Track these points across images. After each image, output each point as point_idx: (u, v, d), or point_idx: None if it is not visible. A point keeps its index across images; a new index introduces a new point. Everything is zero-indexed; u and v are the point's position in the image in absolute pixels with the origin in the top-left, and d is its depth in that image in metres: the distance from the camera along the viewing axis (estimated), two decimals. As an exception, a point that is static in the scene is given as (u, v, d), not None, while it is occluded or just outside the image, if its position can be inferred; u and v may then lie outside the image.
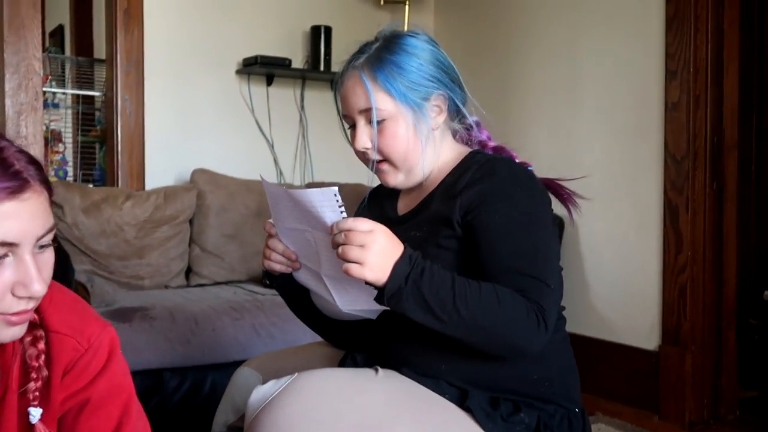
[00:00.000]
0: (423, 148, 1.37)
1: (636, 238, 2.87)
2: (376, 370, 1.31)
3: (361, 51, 1.41)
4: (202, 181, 3.10)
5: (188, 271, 3.08)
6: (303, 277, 1.37)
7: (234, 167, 3.31)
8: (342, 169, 3.59)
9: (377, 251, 1.14)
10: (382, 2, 3.67)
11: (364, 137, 1.38)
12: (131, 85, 3.21)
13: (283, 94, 3.56)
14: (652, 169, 2.80)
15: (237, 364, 2.40)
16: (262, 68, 3.36)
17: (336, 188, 1.14)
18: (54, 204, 3.03)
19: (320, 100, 3.62)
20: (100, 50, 4.45)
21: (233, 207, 3.10)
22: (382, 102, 1.35)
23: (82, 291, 2.38)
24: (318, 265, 1.28)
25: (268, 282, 1.47)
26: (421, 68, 1.36)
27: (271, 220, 1.36)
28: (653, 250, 2.80)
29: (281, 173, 3.55)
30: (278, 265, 1.37)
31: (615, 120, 2.94)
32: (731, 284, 2.76)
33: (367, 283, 1.17)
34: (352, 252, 1.14)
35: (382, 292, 1.16)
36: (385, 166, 1.40)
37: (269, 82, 3.51)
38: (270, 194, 1.30)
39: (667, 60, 2.73)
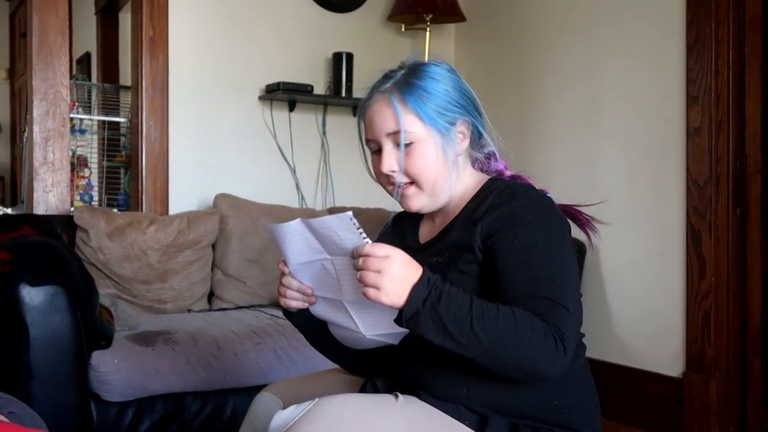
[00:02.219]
0: (450, 171, 1.39)
1: (659, 264, 2.85)
2: (396, 396, 1.31)
3: (386, 77, 1.43)
4: (224, 206, 3.13)
5: (210, 295, 3.10)
6: (320, 310, 1.39)
7: (256, 192, 3.34)
8: (363, 194, 3.60)
9: (393, 277, 1.16)
10: (403, 29, 3.70)
11: (391, 160, 1.39)
12: (156, 111, 3.26)
13: (305, 120, 3.60)
14: (674, 195, 2.79)
15: (258, 388, 2.41)
16: (285, 94, 3.40)
17: (351, 213, 1.17)
18: (79, 228, 3.06)
19: (342, 126, 3.65)
20: (125, 77, 4.53)
21: (255, 232, 3.12)
22: (412, 125, 1.37)
23: (106, 314, 2.40)
24: (338, 292, 1.28)
25: (286, 318, 1.50)
26: (447, 94, 1.38)
27: (282, 259, 1.38)
28: (676, 276, 2.78)
29: (303, 198, 3.58)
30: (294, 302, 1.39)
31: (636, 145, 2.93)
32: (756, 310, 2.73)
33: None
34: (370, 277, 1.16)
35: (401, 315, 1.18)
36: (410, 190, 1.41)
37: (291, 108, 3.55)
38: (278, 235, 1.31)
39: (688, 85, 2.73)
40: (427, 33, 3.59)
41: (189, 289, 2.98)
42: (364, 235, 1.18)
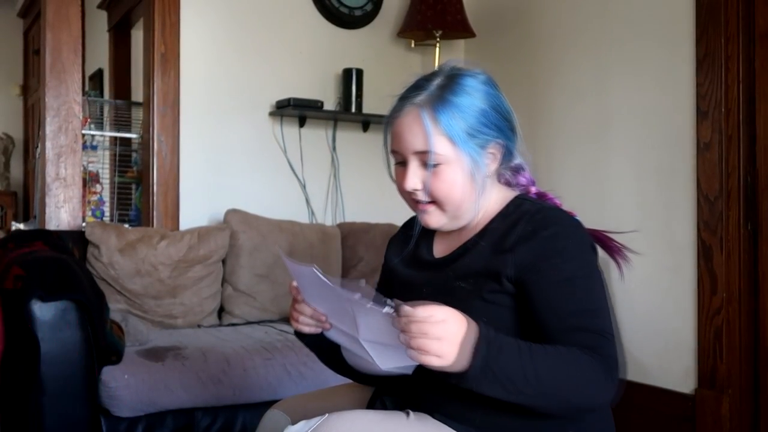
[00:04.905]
0: (476, 195, 1.33)
1: (669, 280, 2.84)
2: (408, 414, 1.29)
3: (419, 86, 1.35)
4: (235, 222, 3.14)
5: (221, 311, 3.10)
6: (335, 336, 1.34)
7: (267, 208, 3.35)
8: (373, 210, 3.62)
9: (454, 341, 1.10)
10: (412, 45, 3.72)
11: (416, 179, 1.33)
12: (167, 126, 3.28)
13: (316, 136, 3.61)
14: (684, 210, 2.78)
15: (268, 404, 2.40)
16: (295, 110, 3.42)
17: (363, 280, 1.16)
18: (91, 244, 3.08)
19: (352, 142, 3.67)
20: (137, 93, 4.56)
21: (265, 247, 3.13)
22: (441, 146, 1.29)
23: (117, 330, 2.41)
24: (354, 329, 1.23)
25: (297, 337, 1.45)
26: (483, 114, 1.31)
27: (295, 284, 1.33)
28: (687, 292, 2.77)
29: (313, 213, 3.58)
30: (307, 327, 1.35)
31: (646, 160, 2.93)
32: (768, 326, 2.71)
33: None
34: (431, 346, 1.09)
35: (459, 376, 1.12)
36: (431, 208, 1.35)
37: (302, 124, 3.56)
38: (292, 270, 1.27)
39: (698, 100, 2.73)
40: (437, 49, 3.60)
41: (199, 304, 2.99)
42: (386, 302, 1.13)
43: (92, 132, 3.77)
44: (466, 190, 1.32)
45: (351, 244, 3.37)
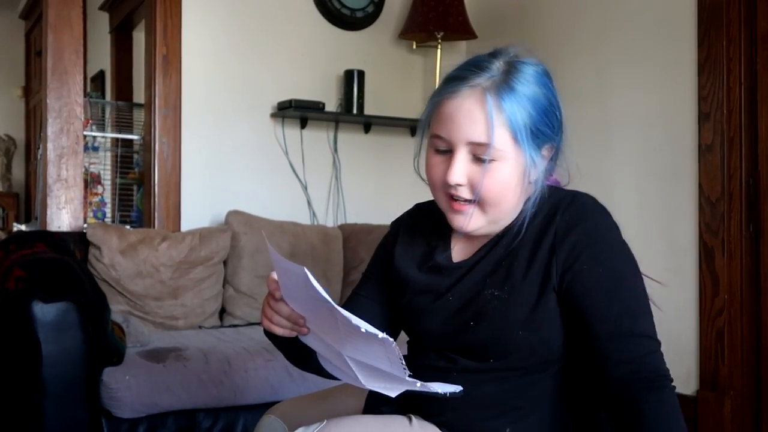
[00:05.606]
0: (521, 198, 1.20)
1: (671, 282, 2.83)
2: (410, 419, 1.23)
3: (479, 66, 1.17)
4: (236, 223, 3.14)
5: (222, 312, 3.10)
6: (312, 342, 1.18)
7: (268, 209, 3.35)
8: (374, 211, 3.62)
9: None
10: (414, 46, 3.72)
11: (462, 171, 1.15)
12: (169, 128, 3.28)
13: (317, 137, 3.61)
14: (686, 212, 2.78)
15: (269, 405, 2.40)
16: (296, 111, 3.42)
17: (390, 338, 0.99)
18: (92, 245, 3.08)
19: (353, 143, 3.67)
20: (139, 95, 4.57)
21: (267, 249, 3.12)
22: (501, 140, 1.14)
23: (118, 331, 2.41)
24: (338, 341, 1.09)
25: (265, 336, 1.26)
26: (545, 111, 1.19)
27: (274, 275, 1.14)
28: (689, 294, 2.76)
29: (315, 215, 3.58)
30: (281, 329, 1.16)
31: (648, 162, 2.93)
32: (770, 328, 2.71)
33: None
34: None
35: None
36: (470, 209, 1.17)
37: (303, 125, 3.56)
38: (277, 265, 1.09)
39: (700, 102, 2.73)
40: (438, 50, 3.60)
41: (201, 305, 2.99)
42: (376, 333, 1.00)
43: (94, 133, 3.77)
44: (515, 192, 1.17)
45: (352, 245, 3.37)
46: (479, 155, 1.14)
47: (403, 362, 1.02)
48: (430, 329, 1.25)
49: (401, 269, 1.32)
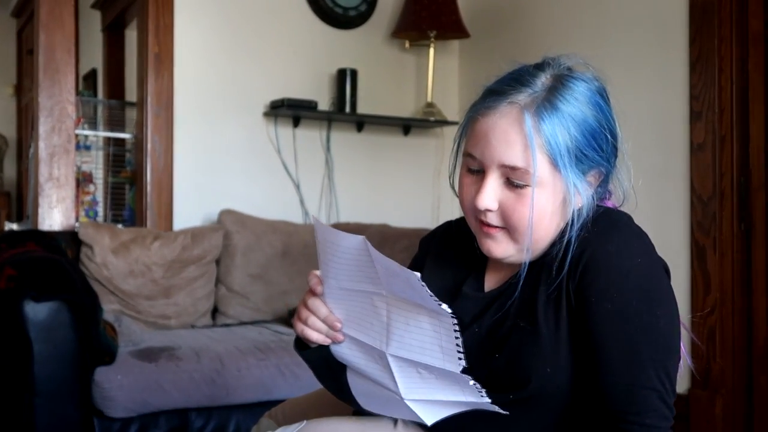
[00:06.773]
0: (560, 225, 1.08)
1: (663, 280, 2.84)
2: (395, 422, 1.15)
3: (520, 81, 1.07)
4: (228, 222, 3.13)
5: (214, 311, 3.10)
6: (345, 353, 1.10)
7: (260, 208, 3.35)
8: (367, 210, 3.62)
9: None
10: (407, 45, 3.72)
11: (492, 196, 1.06)
12: (161, 127, 3.27)
13: (310, 136, 3.61)
14: (678, 211, 2.79)
15: (261, 404, 2.41)
16: (289, 110, 3.41)
17: (418, 275, 0.91)
18: (84, 244, 3.07)
19: (346, 142, 3.66)
20: (131, 93, 4.55)
21: (259, 247, 3.13)
22: (539, 165, 1.03)
23: (110, 330, 2.40)
24: (382, 341, 1.01)
25: (295, 350, 1.18)
26: (593, 134, 1.07)
27: (317, 272, 1.07)
28: (681, 292, 2.77)
29: (307, 214, 3.58)
30: (316, 334, 1.08)
31: (639, 162, 2.91)
32: (761, 325, 2.71)
33: (465, 371, 0.93)
34: None
35: None
36: (499, 234, 1.08)
37: (296, 124, 3.56)
38: (327, 241, 0.99)
39: (691, 101, 2.74)
40: (431, 49, 3.60)
41: (193, 304, 2.98)
42: (439, 302, 0.92)
43: (86, 132, 3.76)
44: (552, 221, 1.06)
45: (345, 244, 3.36)
46: (513, 180, 1.05)
47: (460, 345, 0.93)
48: None
49: None
